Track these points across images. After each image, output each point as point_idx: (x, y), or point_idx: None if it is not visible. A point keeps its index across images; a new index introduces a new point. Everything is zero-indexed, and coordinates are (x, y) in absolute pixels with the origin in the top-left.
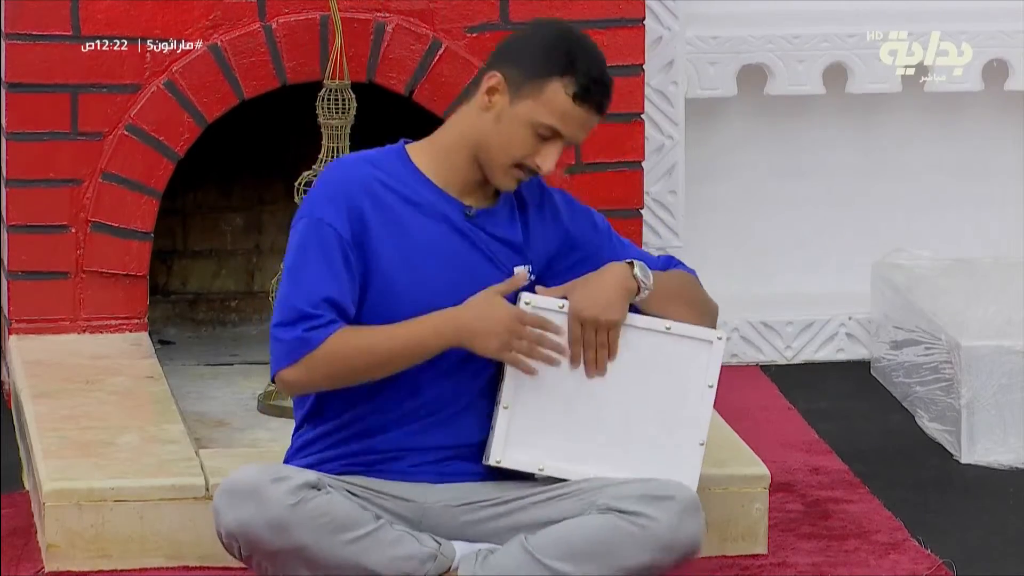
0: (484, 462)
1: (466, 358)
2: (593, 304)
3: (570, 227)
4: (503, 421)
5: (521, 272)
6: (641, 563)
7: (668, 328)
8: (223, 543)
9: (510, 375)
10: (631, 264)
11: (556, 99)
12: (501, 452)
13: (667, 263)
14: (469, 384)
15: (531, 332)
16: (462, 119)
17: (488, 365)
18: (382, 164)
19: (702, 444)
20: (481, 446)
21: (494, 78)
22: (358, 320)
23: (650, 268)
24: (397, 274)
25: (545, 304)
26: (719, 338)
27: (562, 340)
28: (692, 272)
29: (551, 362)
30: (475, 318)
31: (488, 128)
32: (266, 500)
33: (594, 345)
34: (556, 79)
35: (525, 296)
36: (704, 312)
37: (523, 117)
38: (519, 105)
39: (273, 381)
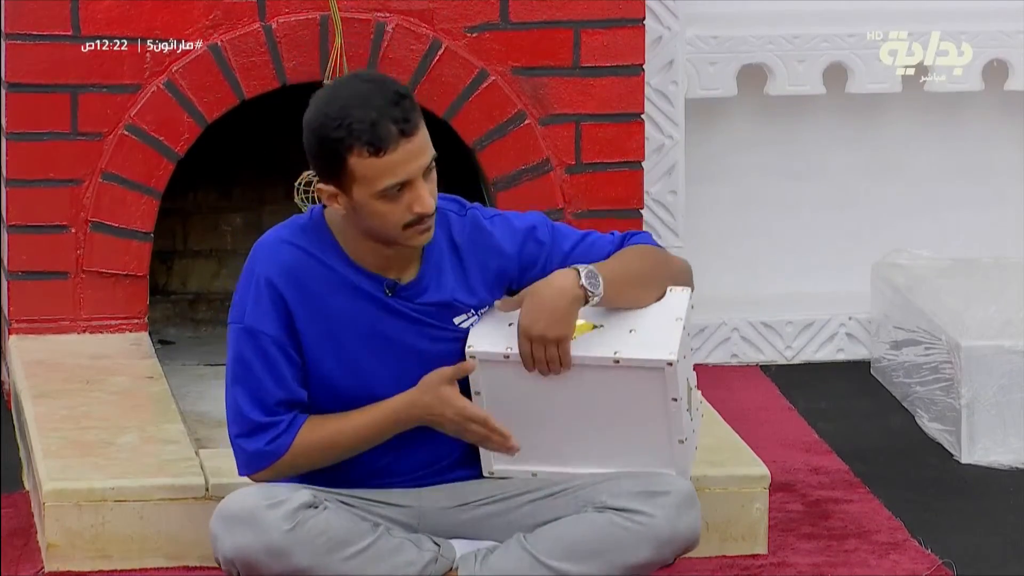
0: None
1: None
2: (539, 320)
3: (516, 255)
4: (483, 448)
5: (471, 364)
6: (641, 559)
7: (617, 361)
8: (222, 568)
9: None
10: (578, 272)
11: (368, 168)
12: (491, 467)
13: (623, 241)
14: None
15: (477, 429)
16: (340, 215)
17: None
18: (304, 242)
19: (682, 441)
20: (460, 459)
21: (322, 191)
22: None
23: (605, 249)
24: (328, 362)
25: (491, 356)
26: (669, 363)
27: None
28: (648, 240)
29: (509, 449)
30: (427, 412)
31: (357, 220)
32: (263, 526)
33: (544, 360)
34: (349, 156)
35: (470, 349)
36: (667, 282)
37: (366, 198)
38: (354, 194)
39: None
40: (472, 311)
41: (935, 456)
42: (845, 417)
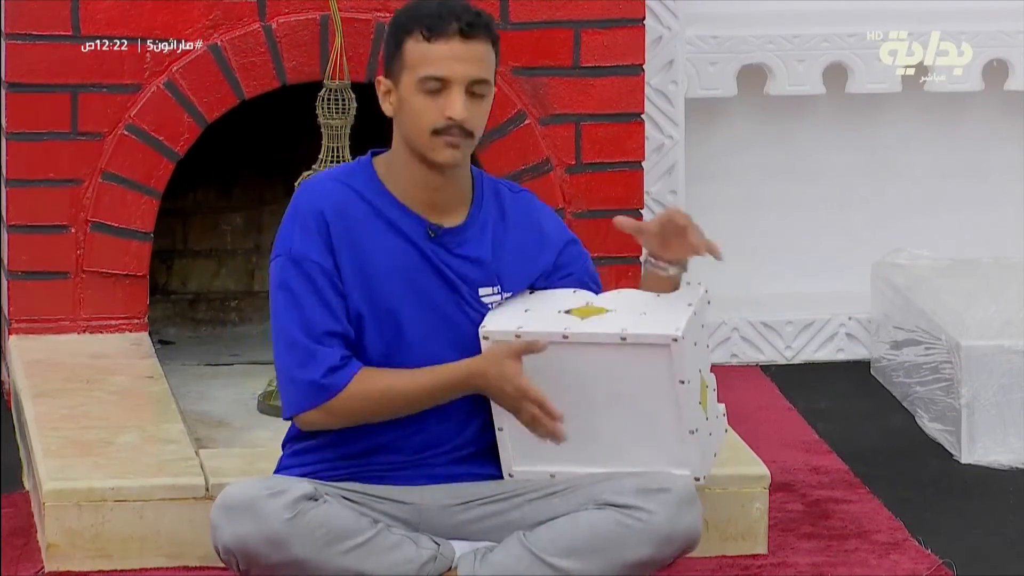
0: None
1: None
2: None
3: (559, 249)
4: (502, 441)
5: (542, 343)
6: (641, 557)
7: (624, 338)
8: (221, 558)
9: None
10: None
11: (417, 52)
12: (510, 467)
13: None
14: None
15: (531, 409)
16: (394, 133)
17: None
18: (351, 181)
19: (692, 432)
20: (461, 446)
21: (379, 84)
22: None
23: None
24: (360, 300)
25: (503, 337)
26: (675, 339)
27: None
28: None
29: (556, 434)
30: (488, 383)
31: (400, 124)
32: (263, 515)
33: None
34: (407, 39)
35: (483, 330)
36: None
37: (409, 89)
38: (402, 84)
39: (288, 419)
40: (498, 287)
41: (935, 456)
42: (845, 417)
